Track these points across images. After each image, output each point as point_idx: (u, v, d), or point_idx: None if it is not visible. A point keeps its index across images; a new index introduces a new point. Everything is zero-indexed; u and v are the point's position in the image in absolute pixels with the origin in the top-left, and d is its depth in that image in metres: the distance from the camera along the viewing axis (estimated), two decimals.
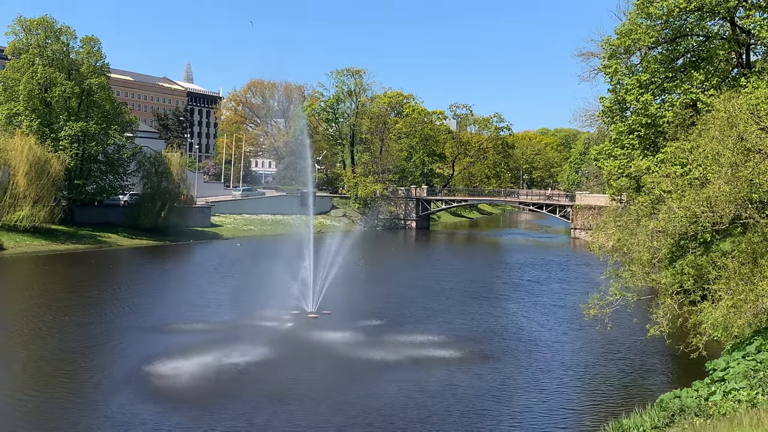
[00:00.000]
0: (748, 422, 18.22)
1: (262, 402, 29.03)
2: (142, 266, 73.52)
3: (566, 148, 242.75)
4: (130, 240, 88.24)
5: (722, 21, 46.31)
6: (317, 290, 47.53)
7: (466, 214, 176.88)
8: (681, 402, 24.43)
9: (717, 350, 34.38)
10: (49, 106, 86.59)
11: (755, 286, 27.66)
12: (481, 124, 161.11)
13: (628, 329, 40.67)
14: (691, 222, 31.43)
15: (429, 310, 50.15)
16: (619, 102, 48.23)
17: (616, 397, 31.37)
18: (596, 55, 68.15)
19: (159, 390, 30.50)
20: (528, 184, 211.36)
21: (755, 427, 17.47)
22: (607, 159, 48.91)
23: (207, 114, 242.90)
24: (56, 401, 28.65)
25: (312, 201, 72.31)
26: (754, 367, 26.21)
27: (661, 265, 37.21)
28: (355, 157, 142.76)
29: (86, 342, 38.33)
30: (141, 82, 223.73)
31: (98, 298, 52.07)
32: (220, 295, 54.59)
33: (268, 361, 35.29)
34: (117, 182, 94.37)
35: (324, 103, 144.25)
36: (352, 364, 35.61)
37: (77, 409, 28.03)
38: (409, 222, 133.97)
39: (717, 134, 31.06)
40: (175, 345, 37.91)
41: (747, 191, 30.01)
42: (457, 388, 31.70)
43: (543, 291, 60.83)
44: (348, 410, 28.29)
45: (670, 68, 46.38)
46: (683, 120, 41.82)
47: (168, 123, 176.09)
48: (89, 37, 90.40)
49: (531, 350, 39.36)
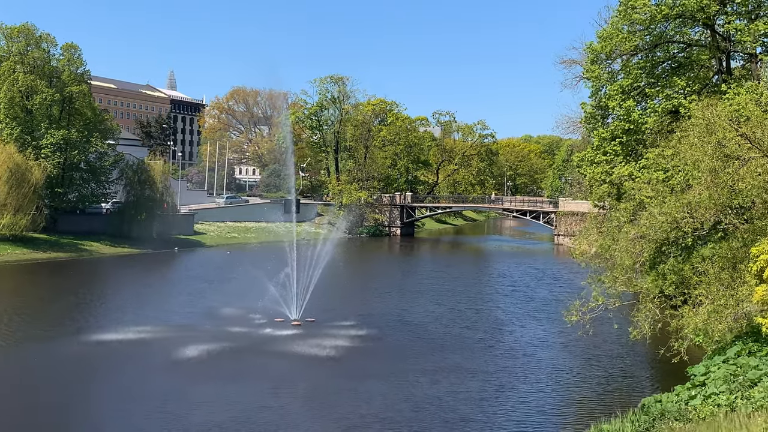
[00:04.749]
0: (727, 426, 18.29)
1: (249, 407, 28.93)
2: (124, 275, 72.93)
3: (550, 154, 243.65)
4: (113, 248, 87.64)
5: (703, 28, 46.73)
6: (301, 298, 47.42)
7: (450, 221, 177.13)
8: (662, 406, 24.53)
9: (698, 355, 34.55)
10: (31, 114, 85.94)
11: (735, 291, 27.82)
12: (465, 131, 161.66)
13: (610, 334, 40.78)
14: (672, 228, 31.63)
15: (410, 316, 50.08)
16: (601, 108, 48.52)
17: (598, 401, 31.43)
18: (578, 63, 68.69)
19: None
20: (512, 191, 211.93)
21: (734, 430, 17.54)
22: (590, 166, 49.14)
23: (190, 121, 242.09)
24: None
25: (296, 208, 72.11)
26: (734, 372, 26.34)
27: (642, 271, 37.39)
28: (340, 164, 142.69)
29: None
30: (124, 90, 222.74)
31: (70, 308, 51.50)
32: (199, 302, 54.24)
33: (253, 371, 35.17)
34: (99, 190, 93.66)
35: (308, 111, 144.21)
36: (335, 371, 35.54)
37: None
38: (393, 229, 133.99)
39: (696, 141, 31.26)
40: (149, 353, 37.67)
41: (727, 197, 30.24)
42: (438, 396, 31.65)
43: (526, 297, 60.92)
44: (332, 417, 28.23)
45: (651, 74, 46.72)
46: (663, 126, 42.11)
47: (151, 130, 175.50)
48: (70, 44, 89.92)
49: (512, 356, 39.38)
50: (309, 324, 45.22)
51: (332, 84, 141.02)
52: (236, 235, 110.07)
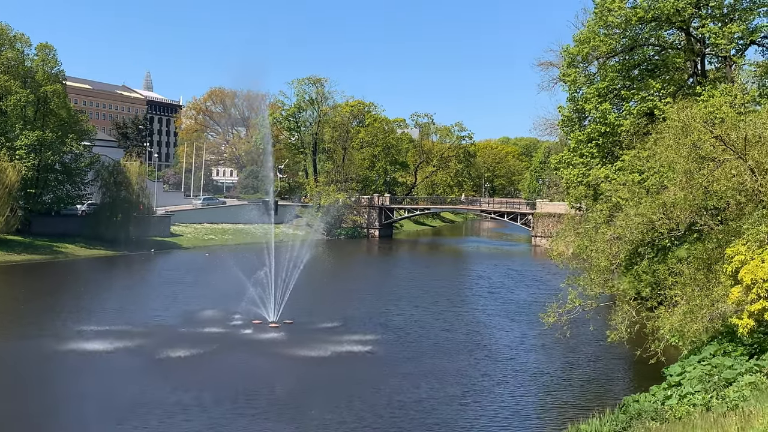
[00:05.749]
0: (702, 425, 18.45)
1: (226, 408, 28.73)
2: (100, 277, 72.22)
3: (527, 156, 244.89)
4: (88, 250, 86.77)
5: (678, 31, 47.18)
6: (279, 299, 47.27)
7: (428, 222, 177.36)
8: (638, 406, 24.70)
9: (675, 355, 34.83)
10: (5, 115, 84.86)
11: (710, 291, 28.06)
12: (443, 133, 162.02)
13: (588, 336, 41.02)
14: (648, 229, 31.88)
15: (389, 319, 50.08)
16: (578, 111, 48.81)
17: (575, 402, 31.61)
18: (555, 65, 68.96)
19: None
20: (490, 193, 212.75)
21: (709, 429, 17.69)
22: (567, 168, 49.40)
23: (167, 122, 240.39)
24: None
25: (274, 210, 71.83)
26: (709, 372, 26.60)
27: (619, 272, 37.65)
28: (318, 165, 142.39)
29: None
30: (99, 90, 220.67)
31: (46, 309, 50.93)
32: (177, 304, 53.85)
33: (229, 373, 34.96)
34: (74, 192, 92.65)
35: (286, 112, 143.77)
36: (312, 373, 35.44)
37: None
38: (372, 231, 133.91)
39: (672, 143, 31.53)
40: (128, 353, 37.35)
41: (702, 198, 30.55)
42: (416, 398, 31.66)
43: (504, 299, 61.14)
44: (308, 422, 28.12)
45: (627, 77, 47.09)
46: (639, 128, 42.41)
47: (127, 131, 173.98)
48: (44, 44, 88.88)
49: (491, 359, 39.48)
50: (287, 326, 45.09)
51: (310, 85, 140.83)
52: (213, 237, 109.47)
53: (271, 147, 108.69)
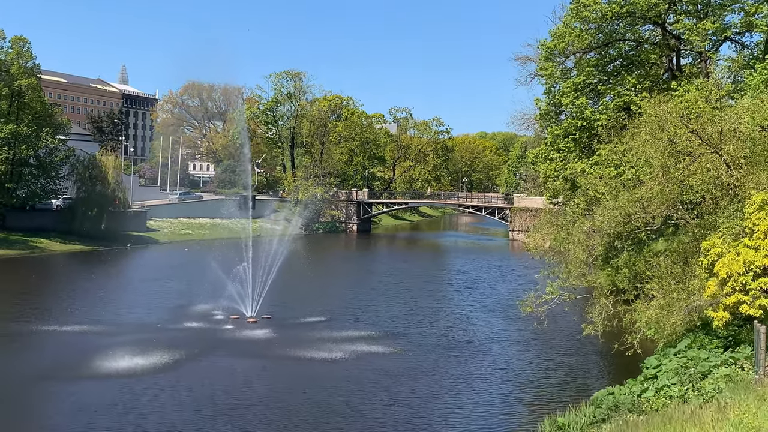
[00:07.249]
0: (679, 417, 18.62)
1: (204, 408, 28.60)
2: (76, 272, 71.44)
3: (504, 151, 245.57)
4: (63, 245, 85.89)
5: (653, 26, 47.53)
6: (256, 295, 47.08)
7: (406, 217, 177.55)
8: (615, 399, 24.88)
9: (651, 348, 35.09)
10: None
11: (686, 285, 28.32)
12: (421, 127, 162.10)
13: (564, 328, 41.27)
14: (625, 222, 32.13)
15: (367, 313, 50.08)
16: (555, 105, 49.09)
17: (552, 395, 31.75)
18: (533, 60, 69.24)
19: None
20: (467, 187, 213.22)
21: (685, 421, 17.86)
22: (544, 162, 49.68)
23: (143, 116, 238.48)
24: None
25: (251, 205, 71.58)
26: (685, 364, 26.83)
27: (596, 265, 37.91)
28: (296, 160, 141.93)
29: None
30: (74, 84, 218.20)
31: (21, 304, 50.40)
32: (155, 300, 53.46)
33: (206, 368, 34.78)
34: (49, 186, 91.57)
35: (263, 106, 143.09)
36: (290, 365, 35.38)
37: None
38: (350, 225, 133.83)
39: (648, 137, 31.78)
40: (105, 351, 37.02)
41: (678, 192, 30.82)
42: (391, 389, 31.70)
43: (482, 293, 61.34)
44: (285, 417, 28.06)
45: (603, 72, 47.38)
46: (615, 123, 42.72)
47: (102, 125, 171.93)
48: (19, 37, 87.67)
49: (469, 353, 39.55)
50: (265, 321, 44.94)
51: (288, 79, 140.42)
52: (190, 231, 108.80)
53: (248, 141, 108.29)
